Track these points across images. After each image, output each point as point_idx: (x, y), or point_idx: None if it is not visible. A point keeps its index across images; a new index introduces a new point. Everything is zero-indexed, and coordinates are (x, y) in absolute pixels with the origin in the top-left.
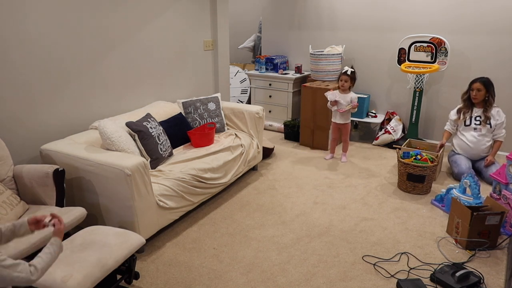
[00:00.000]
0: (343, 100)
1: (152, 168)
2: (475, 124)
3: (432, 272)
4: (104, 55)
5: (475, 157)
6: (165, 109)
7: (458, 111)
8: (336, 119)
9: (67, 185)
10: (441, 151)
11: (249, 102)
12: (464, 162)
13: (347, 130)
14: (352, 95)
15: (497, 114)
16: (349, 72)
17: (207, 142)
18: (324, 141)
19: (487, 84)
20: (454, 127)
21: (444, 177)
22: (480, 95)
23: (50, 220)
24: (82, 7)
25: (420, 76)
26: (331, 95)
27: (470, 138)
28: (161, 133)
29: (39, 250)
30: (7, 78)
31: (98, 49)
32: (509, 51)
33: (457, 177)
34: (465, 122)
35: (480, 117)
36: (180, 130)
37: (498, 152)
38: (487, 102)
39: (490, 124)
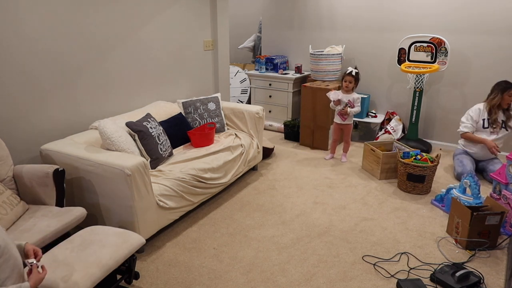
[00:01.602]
0: (335, 96)
1: (152, 168)
2: (492, 127)
3: (432, 272)
4: (104, 56)
5: (484, 157)
6: (165, 109)
7: (488, 113)
8: (339, 119)
9: (67, 185)
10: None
11: (249, 102)
12: (469, 163)
13: (349, 131)
14: (355, 96)
15: None
16: (353, 73)
17: (207, 142)
18: (324, 141)
19: None
20: (475, 126)
21: (444, 177)
22: None
23: (32, 263)
24: (80, 8)
25: (420, 76)
26: (333, 95)
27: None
28: (161, 133)
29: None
30: (7, 78)
31: (98, 50)
32: (509, 51)
33: (458, 176)
34: (483, 124)
35: (498, 121)
36: (180, 130)
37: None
38: (510, 107)
39: (505, 127)
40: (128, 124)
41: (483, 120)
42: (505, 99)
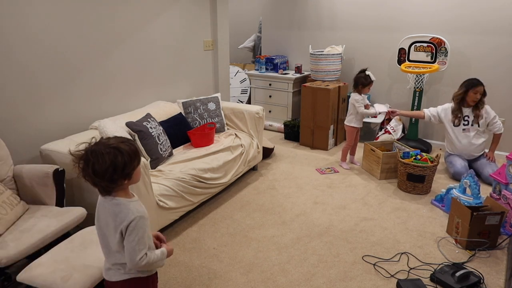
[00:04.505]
0: (363, 101)
1: (152, 168)
2: (463, 124)
3: (432, 272)
4: (104, 56)
5: (468, 156)
6: (165, 109)
7: (453, 113)
8: (357, 123)
9: (67, 185)
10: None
11: (249, 102)
12: (459, 162)
13: (359, 132)
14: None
15: (485, 112)
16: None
17: (207, 142)
18: (324, 141)
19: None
20: (435, 120)
21: (444, 177)
22: (479, 98)
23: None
24: (82, 7)
25: (420, 76)
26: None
27: (460, 138)
28: (161, 133)
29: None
30: (8, 78)
31: (98, 50)
32: (509, 51)
33: (453, 177)
34: (453, 122)
35: (468, 117)
36: (180, 130)
37: (498, 152)
38: (478, 103)
39: (478, 123)
40: (128, 124)
41: (454, 119)
42: (470, 95)
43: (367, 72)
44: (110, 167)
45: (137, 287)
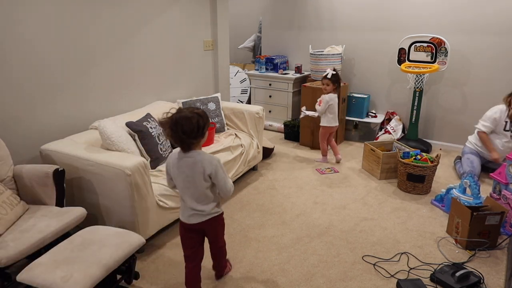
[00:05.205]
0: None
1: (152, 168)
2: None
3: (432, 272)
4: (104, 55)
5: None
6: (165, 109)
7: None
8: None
9: (67, 185)
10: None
11: (249, 102)
12: (479, 165)
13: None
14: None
15: None
16: (329, 76)
17: (207, 142)
18: None
19: None
20: (493, 128)
21: (444, 177)
22: None
23: None
24: (82, 7)
25: (420, 76)
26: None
27: (504, 142)
28: (161, 133)
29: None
30: (7, 78)
31: (99, 49)
32: (509, 51)
33: (462, 175)
34: (505, 126)
35: None
36: None
37: None
38: None
39: None
40: (128, 124)
41: (506, 122)
42: None
43: (327, 71)
44: (195, 127)
45: (217, 222)
